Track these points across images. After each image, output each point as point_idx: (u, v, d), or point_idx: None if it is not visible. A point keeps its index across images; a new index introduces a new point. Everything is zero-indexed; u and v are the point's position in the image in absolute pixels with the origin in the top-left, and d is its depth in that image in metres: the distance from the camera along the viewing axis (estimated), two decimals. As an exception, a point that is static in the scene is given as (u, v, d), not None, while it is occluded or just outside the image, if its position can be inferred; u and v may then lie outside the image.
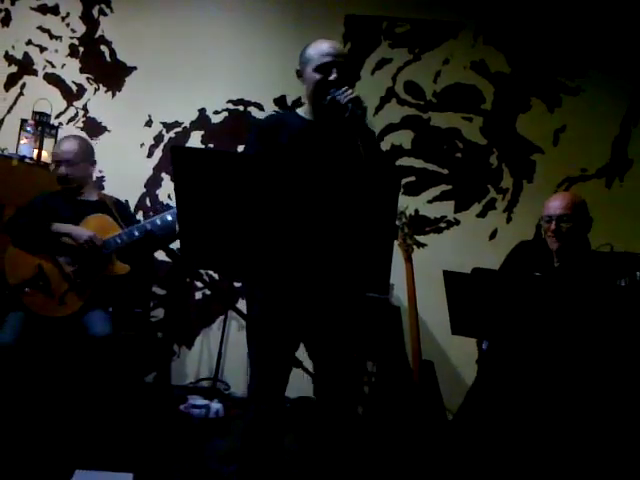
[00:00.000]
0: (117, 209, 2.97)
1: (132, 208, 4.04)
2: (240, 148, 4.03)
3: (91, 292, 2.78)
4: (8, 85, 4.23)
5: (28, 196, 2.98)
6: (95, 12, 4.21)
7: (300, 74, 2.21)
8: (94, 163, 3.06)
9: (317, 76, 2.10)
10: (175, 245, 1.43)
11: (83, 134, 4.12)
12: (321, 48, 2.15)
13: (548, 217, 2.44)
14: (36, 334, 2.73)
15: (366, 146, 2.05)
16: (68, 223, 2.81)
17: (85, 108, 4.18)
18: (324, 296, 2.05)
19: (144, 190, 4.08)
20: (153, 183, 4.08)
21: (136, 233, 2.77)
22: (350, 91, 2.02)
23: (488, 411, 2.39)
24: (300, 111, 2.21)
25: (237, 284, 3.96)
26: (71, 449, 2.53)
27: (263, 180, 1.34)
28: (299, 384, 2.47)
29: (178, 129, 4.10)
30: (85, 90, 4.19)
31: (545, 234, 2.48)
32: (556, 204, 2.43)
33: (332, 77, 2.07)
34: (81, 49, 4.22)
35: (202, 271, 3.86)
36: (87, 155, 2.99)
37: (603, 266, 2.42)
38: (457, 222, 3.83)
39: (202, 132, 4.08)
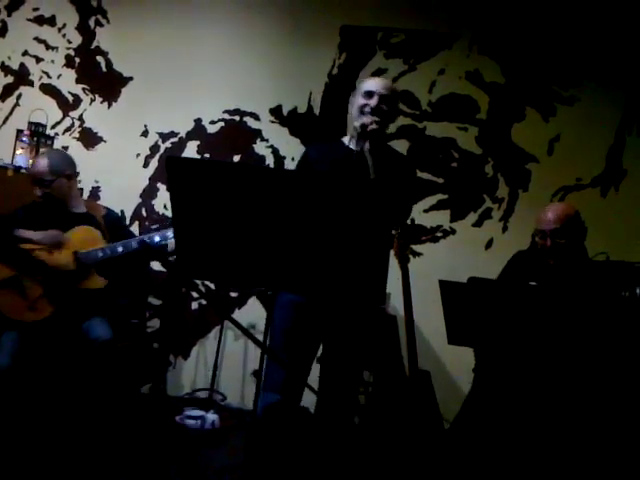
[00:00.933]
0: (107, 221, 2.93)
1: (127, 218, 4.03)
2: (236, 158, 4.04)
3: (63, 303, 2.76)
4: (4, 95, 4.23)
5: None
6: (91, 23, 4.22)
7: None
8: (72, 176, 2.95)
9: (361, 100, 2.33)
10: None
11: (79, 145, 4.14)
12: (370, 81, 2.41)
13: (542, 232, 2.42)
14: (32, 350, 2.70)
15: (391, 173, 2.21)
16: None
17: (81, 118, 4.18)
18: (337, 308, 2.20)
19: (140, 200, 4.07)
20: (149, 193, 4.08)
21: (119, 249, 2.74)
22: (375, 118, 2.24)
23: (484, 420, 2.38)
24: (345, 140, 2.40)
25: (233, 294, 3.95)
26: (67, 460, 2.51)
27: (259, 190, 1.34)
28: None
29: (174, 139, 4.11)
30: (81, 100, 4.20)
31: (541, 249, 2.46)
32: (549, 218, 2.41)
33: (372, 103, 2.30)
34: (77, 60, 4.22)
35: (198, 281, 3.85)
36: (61, 170, 2.89)
37: (600, 275, 2.42)
38: (453, 231, 3.84)
39: (198, 142, 4.09)
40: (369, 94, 2.32)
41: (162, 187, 4.07)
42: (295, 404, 2.27)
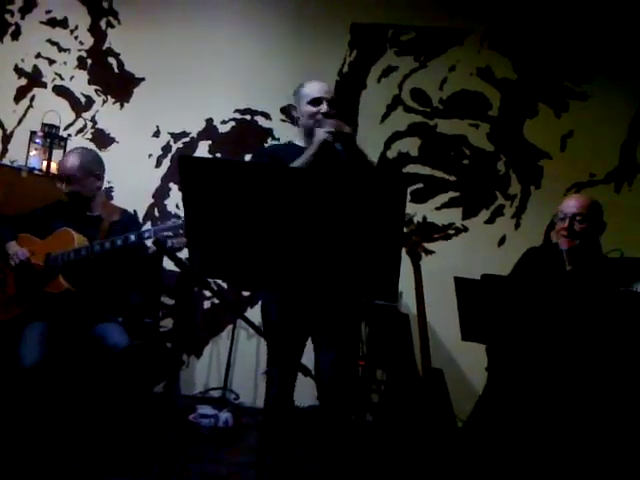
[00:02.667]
0: (121, 223, 2.88)
1: (140, 219, 4.05)
2: (247, 157, 4.04)
3: (29, 305, 2.75)
4: (18, 98, 4.27)
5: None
6: (103, 24, 4.25)
7: (289, 113, 2.56)
8: (101, 176, 2.92)
9: (310, 108, 2.38)
10: (184, 254, 1.43)
11: (92, 145, 4.16)
12: (313, 86, 2.44)
13: (563, 215, 2.43)
14: (57, 346, 2.68)
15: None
16: None
17: (93, 119, 4.21)
18: (333, 302, 2.19)
19: (152, 200, 4.09)
20: (161, 193, 4.10)
21: (96, 248, 2.65)
22: (332, 121, 2.26)
23: (498, 419, 2.37)
24: (297, 141, 2.45)
25: (245, 293, 3.96)
26: (81, 459, 2.53)
27: (271, 189, 1.34)
28: (311, 392, 2.47)
29: (186, 139, 4.12)
30: (93, 102, 4.23)
31: (557, 234, 2.48)
32: (572, 203, 2.43)
33: (323, 109, 2.34)
34: (89, 61, 4.25)
35: (210, 280, 3.86)
36: (92, 169, 2.86)
37: (615, 271, 2.40)
38: (465, 229, 3.82)
39: (209, 142, 4.10)
40: (317, 101, 2.37)
41: (174, 187, 4.09)
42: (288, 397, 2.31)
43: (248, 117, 4.06)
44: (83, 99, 4.23)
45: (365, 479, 2.53)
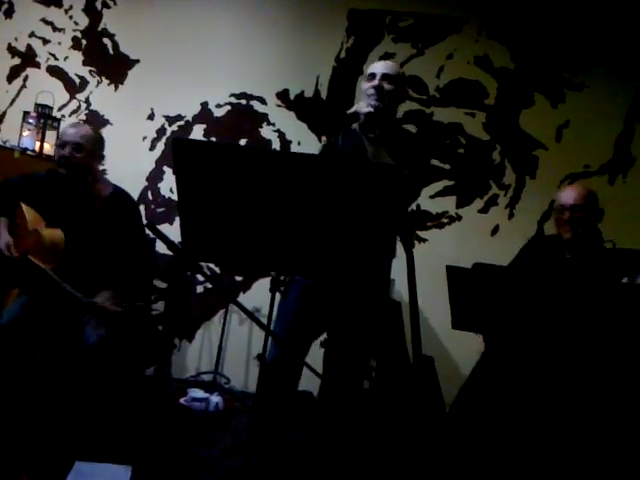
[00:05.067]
0: (107, 203, 2.78)
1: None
2: (242, 142, 4.03)
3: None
4: (11, 77, 4.22)
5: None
6: (98, 5, 4.20)
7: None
8: (102, 158, 2.83)
9: (365, 85, 2.33)
10: (177, 238, 1.43)
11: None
12: (373, 64, 2.38)
13: (561, 207, 2.50)
14: (37, 320, 2.65)
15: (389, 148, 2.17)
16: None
17: (87, 101, 4.17)
18: (344, 294, 2.22)
19: (146, 184, 4.08)
20: (155, 177, 4.08)
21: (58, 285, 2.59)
22: (371, 102, 2.23)
23: (484, 406, 2.39)
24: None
25: (238, 278, 3.96)
26: (71, 441, 2.54)
27: (265, 173, 1.34)
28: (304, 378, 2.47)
29: (181, 122, 4.10)
30: (88, 83, 4.19)
31: (558, 224, 2.54)
32: (569, 195, 2.50)
33: (375, 83, 2.28)
34: (84, 42, 4.21)
35: (203, 264, 3.86)
36: (97, 148, 2.76)
37: (615, 260, 2.44)
38: (459, 217, 3.83)
39: (204, 126, 4.08)
40: (372, 76, 2.32)
41: (168, 170, 4.07)
42: (293, 381, 2.32)
43: (244, 102, 4.04)
44: (77, 80, 4.19)
45: (356, 467, 2.55)
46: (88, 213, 2.75)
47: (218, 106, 4.06)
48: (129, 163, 4.03)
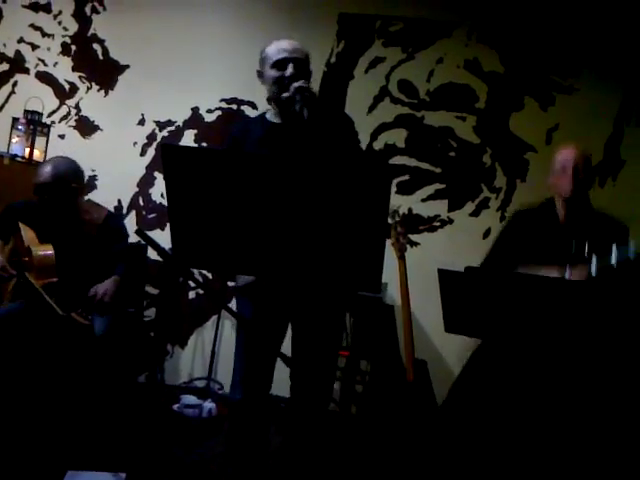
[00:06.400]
0: (101, 230, 2.91)
1: (124, 208, 4.02)
2: (233, 147, 4.02)
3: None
4: None
5: (19, 195, 2.96)
6: (88, 10, 4.19)
7: (261, 75, 2.26)
8: (80, 188, 2.96)
9: (274, 73, 2.13)
10: (167, 244, 1.42)
11: (75, 133, 4.12)
12: (278, 45, 2.18)
13: (561, 166, 2.52)
14: (32, 328, 2.71)
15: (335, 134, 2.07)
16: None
17: (77, 107, 4.16)
18: (315, 292, 2.07)
19: (137, 189, 4.06)
20: (146, 182, 4.07)
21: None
22: (298, 83, 2.04)
23: (474, 406, 2.39)
24: (268, 114, 2.25)
25: (230, 283, 3.95)
26: (63, 449, 2.52)
27: (255, 178, 1.33)
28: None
29: (171, 128, 4.09)
30: (77, 88, 4.17)
31: (558, 183, 2.54)
32: (571, 155, 2.51)
33: (288, 72, 2.09)
34: (73, 47, 4.20)
35: (195, 270, 3.85)
36: (69, 180, 2.87)
37: (605, 226, 2.45)
38: (450, 221, 3.84)
39: (195, 131, 4.07)
40: (281, 64, 2.13)
41: (159, 176, 4.06)
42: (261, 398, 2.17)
43: (234, 107, 4.04)
44: (67, 86, 4.18)
45: (346, 471, 2.54)
46: (81, 238, 2.87)
47: (209, 111, 4.06)
48: (120, 169, 4.02)
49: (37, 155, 3.65)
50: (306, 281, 1.45)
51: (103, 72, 4.16)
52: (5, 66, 4.21)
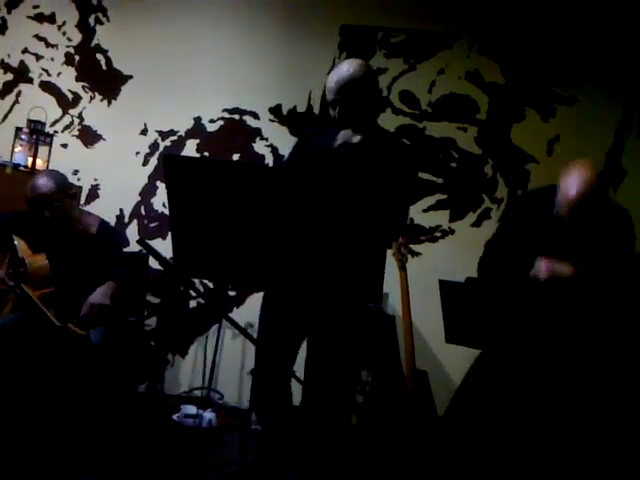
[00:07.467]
0: (94, 239, 2.93)
1: (127, 217, 4.03)
2: (235, 157, 4.04)
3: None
4: (3, 93, 4.22)
5: (23, 204, 2.96)
6: (91, 21, 4.22)
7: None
8: (75, 194, 3.01)
9: (331, 112, 2.17)
10: (168, 253, 1.43)
11: (78, 142, 4.14)
12: (331, 79, 2.18)
13: (565, 197, 2.22)
14: (29, 338, 2.72)
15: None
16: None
17: (80, 116, 4.18)
18: (327, 304, 2.12)
19: (139, 199, 4.07)
20: (148, 191, 4.08)
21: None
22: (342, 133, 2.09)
23: (475, 417, 2.38)
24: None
25: (232, 293, 3.95)
26: (61, 460, 2.51)
27: (256, 189, 1.34)
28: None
29: (174, 137, 4.10)
30: (81, 98, 4.19)
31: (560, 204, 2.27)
32: (572, 192, 2.20)
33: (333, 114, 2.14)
34: (77, 57, 4.22)
35: (196, 280, 3.85)
36: (66, 189, 2.91)
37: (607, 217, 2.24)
38: (452, 231, 3.84)
39: (197, 141, 4.08)
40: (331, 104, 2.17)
41: (161, 185, 4.07)
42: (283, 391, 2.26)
43: (237, 117, 4.05)
44: (70, 95, 4.20)
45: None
46: (76, 247, 2.88)
47: (211, 121, 4.07)
48: (122, 178, 4.03)
49: (40, 164, 3.66)
50: (307, 292, 1.46)
51: (106, 82, 4.18)
52: (9, 76, 4.23)
